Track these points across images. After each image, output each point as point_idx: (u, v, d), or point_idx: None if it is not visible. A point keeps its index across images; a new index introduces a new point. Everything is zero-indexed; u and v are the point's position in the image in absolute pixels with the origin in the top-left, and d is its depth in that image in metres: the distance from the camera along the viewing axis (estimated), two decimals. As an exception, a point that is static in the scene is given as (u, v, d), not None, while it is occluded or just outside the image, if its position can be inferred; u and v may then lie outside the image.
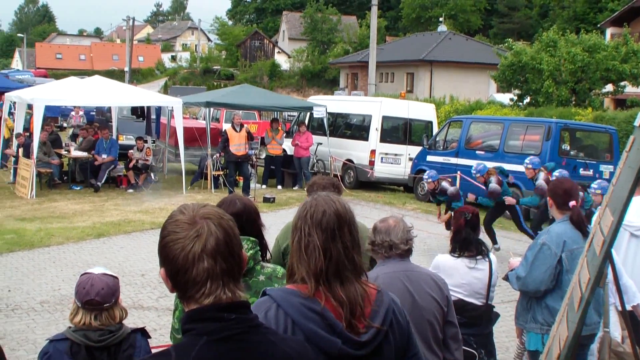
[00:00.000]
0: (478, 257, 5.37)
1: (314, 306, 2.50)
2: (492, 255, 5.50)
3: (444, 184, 13.42)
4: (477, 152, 17.71)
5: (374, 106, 21.00)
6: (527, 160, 13.04)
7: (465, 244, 5.40)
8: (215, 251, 2.00)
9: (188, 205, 2.12)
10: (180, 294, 2.06)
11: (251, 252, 3.54)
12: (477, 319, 5.37)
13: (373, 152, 20.22)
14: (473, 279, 5.35)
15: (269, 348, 2.05)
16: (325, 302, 2.50)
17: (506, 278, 5.76)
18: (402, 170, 20.26)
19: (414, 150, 20.06)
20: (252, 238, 3.58)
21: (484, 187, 13.10)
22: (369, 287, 2.64)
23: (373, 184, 20.45)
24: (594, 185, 10.15)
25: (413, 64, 47.30)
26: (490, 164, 14.27)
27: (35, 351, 7.00)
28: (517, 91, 30.70)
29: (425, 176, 13.47)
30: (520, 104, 30.13)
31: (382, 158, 20.32)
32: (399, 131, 21.17)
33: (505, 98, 33.15)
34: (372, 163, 20.15)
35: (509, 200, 12.76)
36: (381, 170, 20.20)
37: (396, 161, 20.42)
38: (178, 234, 2.01)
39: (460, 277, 5.33)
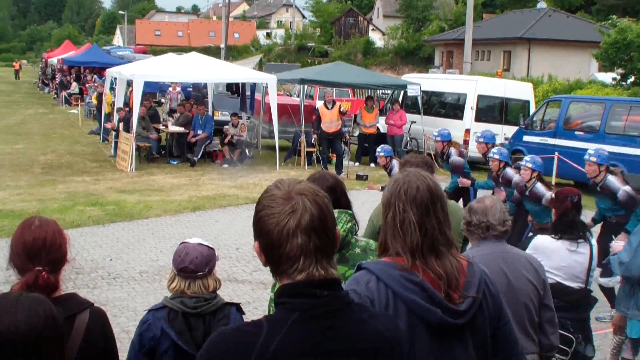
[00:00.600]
0: (580, 240, 5.22)
1: (413, 277, 2.53)
2: (593, 240, 5.34)
3: (395, 163, 11.29)
4: (576, 132, 17.15)
5: (469, 85, 20.64)
6: (478, 134, 11.43)
7: (572, 227, 5.25)
8: (310, 227, 2.00)
9: (284, 180, 2.13)
10: (273, 268, 2.08)
11: (349, 224, 3.56)
12: (574, 303, 5.23)
13: (467, 131, 19.89)
14: (573, 262, 5.21)
15: (361, 326, 2.05)
16: (423, 275, 2.53)
17: (608, 262, 5.58)
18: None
19: (510, 130, 19.63)
20: (349, 211, 3.60)
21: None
22: (461, 259, 2.66)
23: (468, 163, 20.10)
24: (526, 158, 9.06)
25: (510, 42, 46.15)
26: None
27: (135, 318, 7.25)
28: (620, 70, 29.51)
29: (378, 149, 11.64)
30: (624, 83, 28.98)
31: (476, 137, 19.97)
32: (494, 110, 20.75)
33: (608, 77, 31.94)
34: (466, 142, 19.82)
35: (463, 182, 10.98)
36: (476, 150, 19.85)
37: (491, 141, 20.02)
38: (273, 208, 2.03)
39: (560, 259, 5.20)
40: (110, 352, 3.06)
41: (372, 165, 19.89)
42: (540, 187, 8.59)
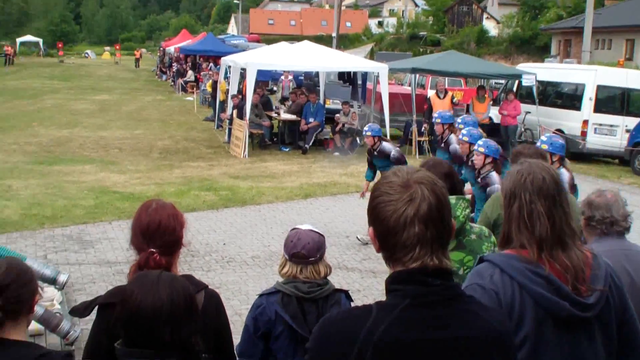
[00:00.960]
0: None
1: (539, 270, 2.49)
2: None
3: (386, 144, 10.19)
4: None
5: (588, 74, 19.93)
6: (458, 119, 10.17)
7: None
8: (428, 217, 1.99)
9: (402, 168, 2.13)
10: (386, 255, 2.07)
11: (467, 211, 3.58)
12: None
13: (585, 122, 19.22)
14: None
15: (471, 317, 2.03)
16: (549, 267, 2.49)
17: None
18: (617, 142, 19.11)
19: (632, 122, 18.84)
20: (466, 197, 3.60)
21: None
22: (585, 251, 2.62)
23: (585, 155, 19.44)
24: (479, 142, 7.75)
25: (634, 30, 44.13)
26: None
27: (247, 302, 7.41)
28: None
29: (365, 128, 10.52)
30: None
31: (595, 129, 19.29)
32: (615, 101, 19.94)
33: None
34: (584, 134, 19.18)
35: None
36: (594, 142, 19.18)
37: (611, 132, 19.29)
38: (391, 195, 2.02)
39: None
40: (224, 333, 3.15)
41: (484, 155, 19.52)
42: (494, 176, 7.43)
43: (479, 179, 7.54)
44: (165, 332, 2.32)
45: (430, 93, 21.12)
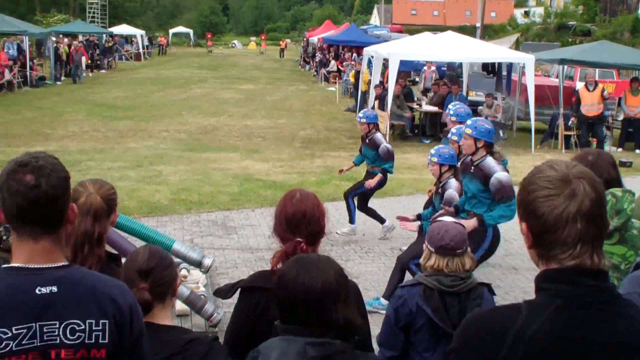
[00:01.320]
0: None
1: None
2: None
3: (378, 135, 9.63)
4: None
5: None
6: (450, 111, 9.20)
7: None
8: (589, 213, 1.91)
9: (558, 162, 2.04)
10: (541, 252, 1.99)
11: (632, 205, 3.44)
12: None
13: None
14: None
15: (627, 321, 1.92)
16: None
17: None
18: None
19: None
20: (632, 190, 3.49)
21: None
22: None
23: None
24: (431, 151, 7.48)
25: None
26: None
27: (385, 293, 7.40)
28: None
29: (360, 114, 9.91)
30: None
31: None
32: None
33: None
34: None
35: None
36: None
37: None
38: (550, 190, 1.94)
39: None
40: (362, 324, 3.14)
41: (637, 151, 18.61)
42: (453, 183, 7.21)
43: (439, 189, 7.38)
44: (332, 311, 2.39)
45: (579, 85, 20.29)
